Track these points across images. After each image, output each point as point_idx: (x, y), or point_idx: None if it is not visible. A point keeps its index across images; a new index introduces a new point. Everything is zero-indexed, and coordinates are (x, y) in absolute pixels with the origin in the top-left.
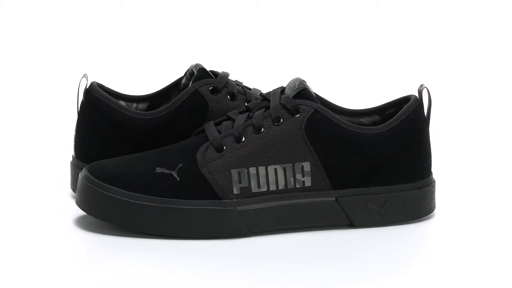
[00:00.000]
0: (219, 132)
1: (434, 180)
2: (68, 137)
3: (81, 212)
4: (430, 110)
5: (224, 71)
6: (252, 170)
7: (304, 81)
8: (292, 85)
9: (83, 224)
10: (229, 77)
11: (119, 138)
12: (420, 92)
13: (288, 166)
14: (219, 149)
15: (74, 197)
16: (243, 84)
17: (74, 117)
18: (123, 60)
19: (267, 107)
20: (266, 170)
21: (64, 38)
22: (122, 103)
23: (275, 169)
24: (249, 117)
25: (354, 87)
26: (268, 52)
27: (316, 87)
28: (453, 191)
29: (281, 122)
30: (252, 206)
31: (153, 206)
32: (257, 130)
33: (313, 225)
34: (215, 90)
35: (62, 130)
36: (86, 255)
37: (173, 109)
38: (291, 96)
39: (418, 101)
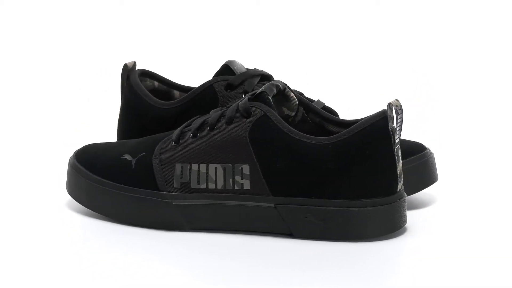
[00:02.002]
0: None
1: (397, 199)
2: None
3: None
4: (399, 127)
5: (260, 69)
6: (194, 166)
7: (273, 84)
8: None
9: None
10: (272, 78)
11: (141, 125)
12: (390, 107)
13: (228, 166)
14: (175, 142)
15: None
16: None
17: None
18: (190, 53)
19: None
20: (207, 168)
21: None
22: (176, 92)
23: (216, 168)
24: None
25: (360, 92)
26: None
27: (320, 90)
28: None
29: (233, 123)
30: (189, 202)
31: (104, 190)
32: (210, 128)
33: (253, 229)
34: (230, 87)
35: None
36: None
37: (186, 101)
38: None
39: (382, 116)
